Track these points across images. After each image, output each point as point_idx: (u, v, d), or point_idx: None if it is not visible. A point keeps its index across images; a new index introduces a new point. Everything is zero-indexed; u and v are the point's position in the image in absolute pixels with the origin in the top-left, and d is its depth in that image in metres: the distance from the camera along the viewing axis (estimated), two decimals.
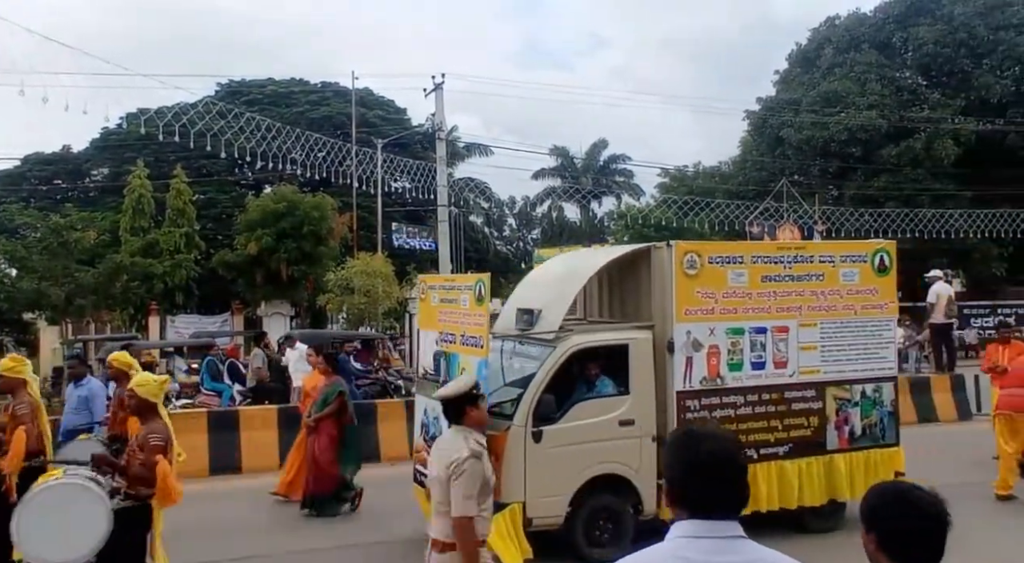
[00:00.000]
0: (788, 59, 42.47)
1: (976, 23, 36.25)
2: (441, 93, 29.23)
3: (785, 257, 7.87)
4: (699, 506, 2.08)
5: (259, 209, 33.22)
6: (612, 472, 7.22)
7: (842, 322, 8.07)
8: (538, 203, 42.78)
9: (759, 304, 7.73)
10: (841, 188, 39.03)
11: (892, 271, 8.38)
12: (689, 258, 7.43)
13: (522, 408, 6.96)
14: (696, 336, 7.45)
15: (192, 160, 33.91)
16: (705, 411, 7.46)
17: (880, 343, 8.24)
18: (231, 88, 39.10)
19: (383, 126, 37.20)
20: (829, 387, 8.00)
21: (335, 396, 8.85)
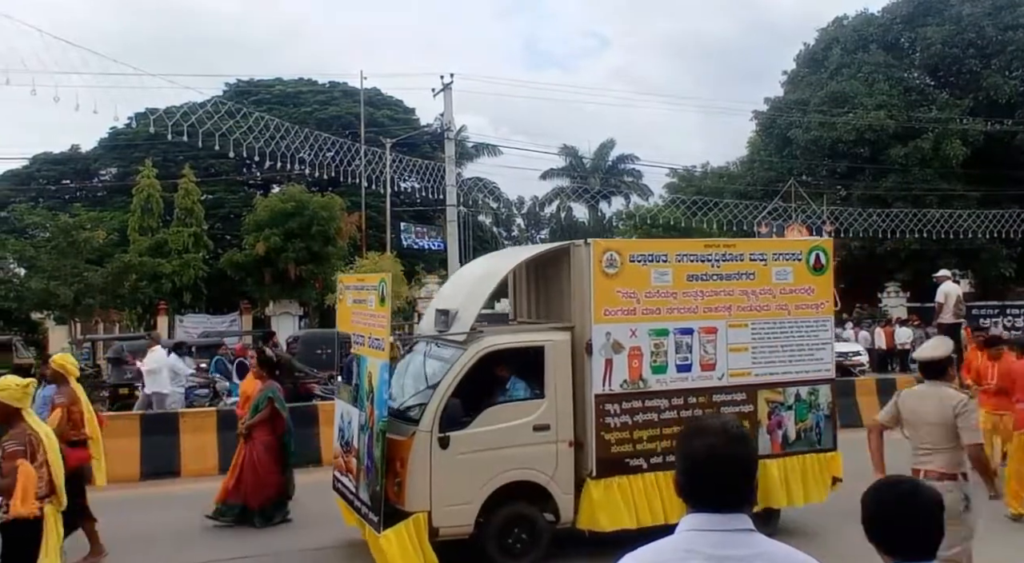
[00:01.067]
0: (796, 59, 41.83)
1: (984, 23, 35.45)
2: (450, 93, 29.08)
3: (713, 255, 7.47)
4: (702, 500, 2.05)
5: (267, 209, 33.25)
6: (526, 479, 6.84)
7: (775, 322, 7.66)
8: (547, 203, 42.47)
9: (685, 304, 7.34)
10: (849, 188, 38.34)
11: (829, 269, 7.96)
12: (608, 257, 7.08)
13: (428, 413, 6.60)
14: (616, 337, 7.10)
15: (200, 160, 33.97)
16: (626, 415, 7.10)
17: (816, 344, 7.81)
18: (239, 88, 39.14)
19: (391, 126, 37.05)
20: (761, 390, 7.59)
21: (265, 402, 8.48)
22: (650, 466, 7.18)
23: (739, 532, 2.02)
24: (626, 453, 7.11)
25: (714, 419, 2.27)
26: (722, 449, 2.04)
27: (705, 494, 2.04)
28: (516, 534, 6.87)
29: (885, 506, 2.29)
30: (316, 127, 33.18)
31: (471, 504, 6.66)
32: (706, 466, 2.03)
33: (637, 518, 7.02)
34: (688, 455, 2.09)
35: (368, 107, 36.51)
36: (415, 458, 6.55)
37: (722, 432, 2.09)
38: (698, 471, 2.05)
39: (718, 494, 2.02)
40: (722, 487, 2.03)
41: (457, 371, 6.72)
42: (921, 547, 2.24)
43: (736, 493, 2.05)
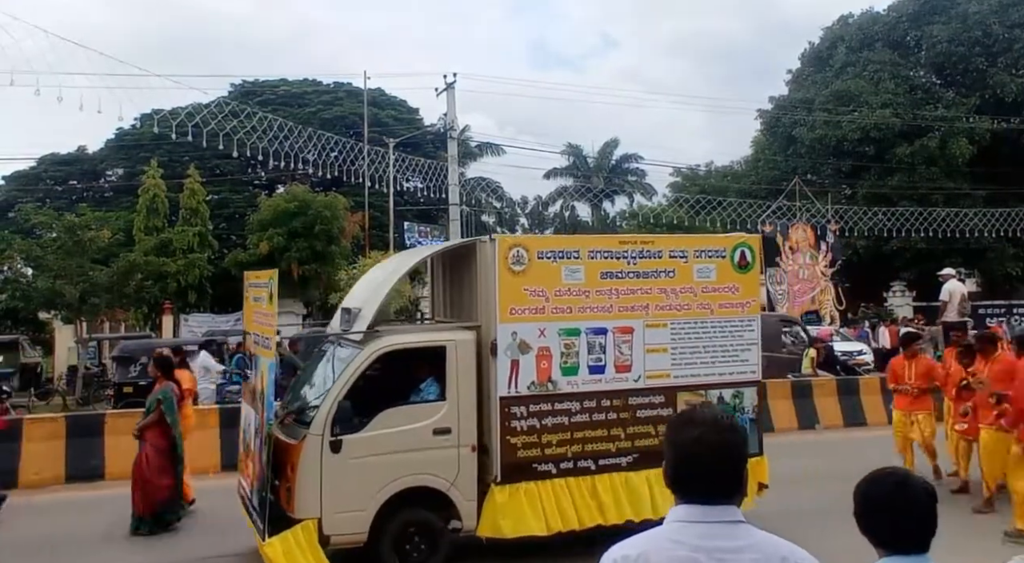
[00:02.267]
0: (801, 58, 41.11)
1: (991, 21, 34.61)
2: (453, 92, 28.97)
3: (629, 252, 7.07)
4: (688, 491, 2.00)
5: (271, 209, 33.20)
6: (425, 485, 6.49)
7: (696, 322, 7.25)
8: (550, 202, 42.05)
9: (598, 303, 6.95)
10: (854, 187, 37.66)
11: (755, 267, 7.53)
12: (515, 253, 6.71)
13: (319, 415, 6.25)
14: (523, 337, 6.72)
15: (206, 160, 33.97)
16: (534, 419, 6.73)
17: (741, 344, 7.38)
18: (244, 88, 39.10)
19: (395, 126, 36.85)
20: (681, 392, 7.17)
21: (155, 404, 8.15)
22: (560, 471, 6.81)
23: (727, 523, 1.97)
24: (533, 458, 6.74)
25: (704, 410, 2.15)
26: (711, 440, 1.98)
27: (693, 485, 1.99)
28: (415, 542, 6.51)
29: (877, 498, 2.24)
30: (320, 127, 33.06)
31: (364, 511, 6.31)
32: (695, 457, 1.98)
33: (546, 524, 6.66)
34: (677, 446, 2.03)
35: (372, 107, 36.33)
36: (305, 463, 6.22)
37: (712, 423, 2.03)
38: (687, 462, 2.00)
39: (707, 485, 1.98)
40: (711, 478, 1.98)
41: (351, 372, 6.39)
42: (914, 539, 2.19)
43: (725, 484, 1.99)
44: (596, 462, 6.91)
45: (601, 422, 6.96)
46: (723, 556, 1.93)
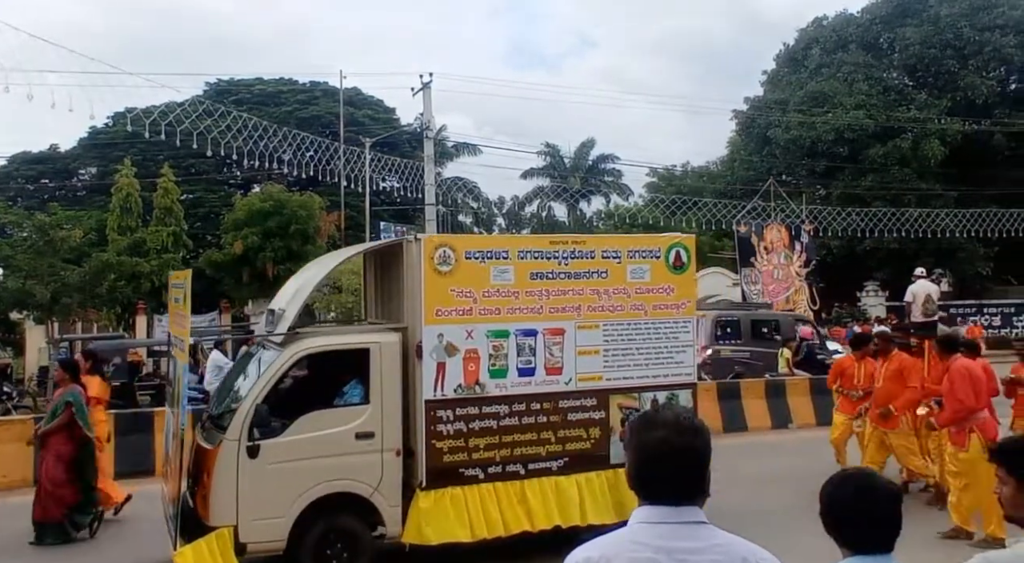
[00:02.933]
0: (776, 59, 41.14)
1: (962, 24, 34.71)
2: (429, 92, 28.82)
3: (560, 252, 6.89)
4: (653, 492, 1.99)
5: (246, 208, 32.91)
6: (347, 490, 6.28)
7: (629, 323, 7.08)
8: (527, 202, 41.89)
9: (528, 304, 6.77)
10: (828, 187, 37.70)
11: (690, 267, 7.38)
12: (441, 253, 6.52)
13: (235, 420, 6.03)
14: (450, 339, 6.54)
15: (180, 159, 33.62)
16: (461, 422, 6.55)
17: (676, 346, 7.21)
18: (220, 87, 38.74)
19: (371, 126, 36.60)
20: (614, 395, 7.01)
21: (63, 408, 7.79)
22: (488, 476, 6.63)
23: (690, 524, 1.96)
24: (460, 462, 6.56)
25: (667, 411, 2.11)
26: (675, 441, 1.97)
27: (657, 487, 1.98)
28: (336, 549, 6.30)
29: (842, 499, 2.23)
30: (296, 127, 32.77)
31: (283, 517, 6.10)
32: (658, 458, 1.97)
33: (471, 531, 6.47)
34: (640, 447, 2.02)
35: (348, 107, 36.05)
36: (221, 468, 6.01)
37: (674, 424, 2.01)
38: (650, 464, 1.99)
39: (670, 486, 1.97)
40: (674, 479, 1.97)
41: (271, 375, 6.19)
42: (879, 539, 2.19)
43: (688, 485, 1.98)
44: (525, 466, 6.74)
45: (531, 426, 6.78)
46: (685, 557, 1.91)
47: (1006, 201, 33.61)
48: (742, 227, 32.67)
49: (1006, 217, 32.67)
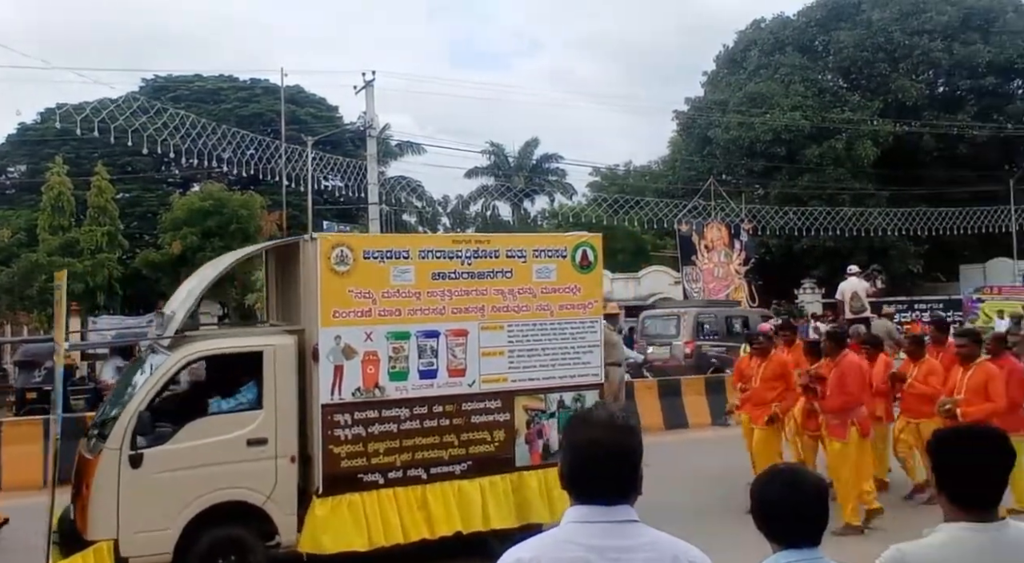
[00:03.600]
0: (716, 60, 41.57)
1: (893, 28, 35.47)
2: (371, 91, 28.42)
3: (463, 252, 6.71)
4: (586, 491, 1.98)
5: (184, 207, 32.11)
6: (238, 499, 6.02)
7: (535, 324, 6.92)
8: (472, 202, 41.69)
9: (430, 305, 6.58)
10: (767, 187, 38.19)
11: (597, 267, 7.25)
12: (338, 253, 6.28)
13: (117, 428, 5.71)
14: (348, 341, 6.31)
15: (115, 157, 32.66)
16: (359, 427, 6.32)
17: (583, 347, 7.08)
18: (156, 84, 37.73)
19: (314, 124, 35.98)
20: (519, 397, 6.84)
21: None
22: (388, 481, 6.41)
23: (622, 523, 1.95)
24: (359, 468, 6.33)
25: (600, 410, 2.10)
26: (608, 440, 1.96)
27: (590, 485, 1.97)
28: (231, 560, 6.04)
29: (771, 494, 2.26)
30: (237, 124, 32.12)
31: (168, 529, 5.80)
32: (591, 458, 1.96)
33: (369, 538, 6.25)
34: (574, 446, 2.02)
35: (290, 105, 35.40)
36: (100, 480, 5.69)
37: (608, 423, 2.00)
38: (584, 463, 1.98)
39: (603, 485, 1.96)
40: (607, 478, 1.96)
41: (155, 380, 5.88)
42: (806, 533, 2.22)
43: (621, 484, 1.98)
44: (427, 471, 6.54)
45: (433, 429, 6.58)
46: (616, 555, 1.91)
47: (935, 200, 34.44)
48: (683, 226, 32.96)
49: (935, 216, 33.46)
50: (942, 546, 2.28)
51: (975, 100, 35.45)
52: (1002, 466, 2.32)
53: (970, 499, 2.30)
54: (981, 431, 2.45)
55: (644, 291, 40.01)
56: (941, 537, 2.31)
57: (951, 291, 34.52)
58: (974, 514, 2.28)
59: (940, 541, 2.29)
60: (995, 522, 2.28)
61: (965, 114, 34.86)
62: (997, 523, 2.28)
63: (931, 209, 33.70)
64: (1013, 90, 36.53)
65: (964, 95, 36.02)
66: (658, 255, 41.11)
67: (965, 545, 2.25)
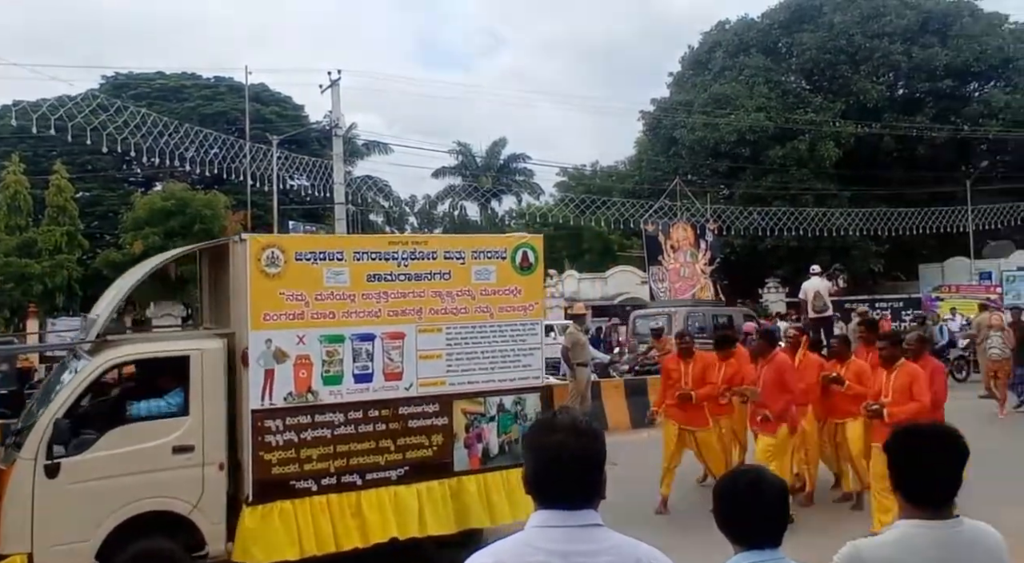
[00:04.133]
0: (681, 62, 41.66)
1: (854, 31, 35.74)
2: (338, 89, 28.07)
3: (400, 253, 6.53)
4: (550, 496, 1.97)
5: (146, 207, 31.60)
6: (162, 509, 5.79)
7: (474, 326, 6.77)
8: (439, 201, 41.42)
9: (365, 307, 6.39)
10: (731, 187, 38.37)
11: (538, 268, 7.11)
12: (269, 254, 6.08)
13: (32, 437, 5.46)
14: (279, 345, 6.11)
15: (75, 155, 32.00)
16: (291, 432, 6.13)
17: (524, 349, 6.94)
18: (117, 81, 37.04)
19: (279, 123, 35.54)
20: (457, 400, 6.69)
21: None
22: (321, 488, 6.22)
23: (586, 527, 1.95)
24: (291, 475, 6.13)
25: (563, 415, 2.07)
26: (572, 445, 1.96)
27: (554, 490, 1.97)
28: None
29: (732, 495, 2.28)
30: (200, 123, 31.60)
31: (87, 542, 5.56)
32: (556, 463, 1.95)
33: (301, 547, 6.05)
34: (538, 451, 2.00)
35: (255, 103, 34.95)
36: (13, 491, 5.43)
37: (572, 428, 1.99)
38: (548, 467, 1.97)
39: (567, 490, 1.96)
40: (571, 483, 1.96)
41: (73, 386, 5.64)
42: (767, 533, 2.24)
43: (585, 489, 1.98)
44: (363, 477, 6.35)
45: (368, 434, 6.40)
46: (580, 560, 1.91)
47: (895, 201, 34.79)
48: (649, 226, 32.96)
49: (895, 216, 33.80)
50: (896, 542, 2.31)
51: (933, 102, 35.85)
52: (957, 465, 2.34)
53: (925, 497, 2.34)
54: (937, 430, 2.46)
55: (611, 291, 40.09)
56: (896, 534, 2.35)
57: (911, 290, 34.88)
58: (929, 511, 2.32)
59: (895, 538, 2.33)
60: (949, 519, 2.31)
61: (924, 116, 35.24)
62: (951, 520, 2.32)
63: (891, 209, 34.05)
64: (969, 93, 36.99)
65: (923, 97, 36.40)
66: (625, 255, 41.17)
67: (919, 541, 2.29)
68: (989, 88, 37.08)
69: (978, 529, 2.36)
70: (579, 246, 40.28)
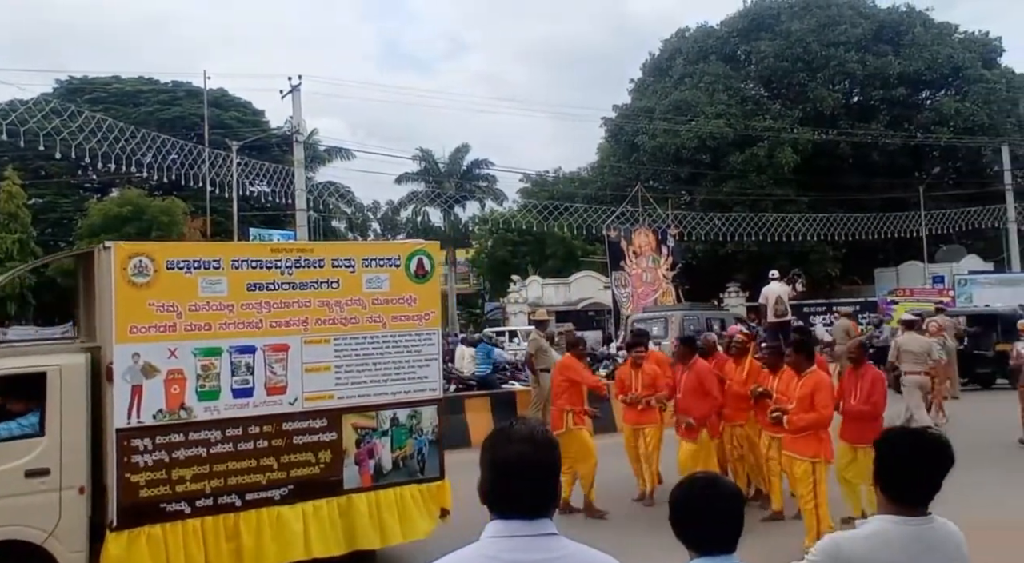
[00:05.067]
0: (642, 68, 41.58)
1: (811, 39, 35.86)
2: (298, 95, 27.61)
3: (283, 261, 6.11)
4: (504, 506, 1.95)
5: (101, 213, 30.91)
6: (11, 538, 5.26)
7: (365, 337, 6.35)
8: (402, 207, 40.95)
9: (245, 318, 5.96)
10: (692, 193, 38.30)
11: (434, 276, 6.72)
12: (137, 263, 5.64)
13: None
14: (148, 359, 5.66)
15: (28, 161, 31.19)
16: (162, 452, 5.67)
17: (419, 360, 6.54)
18: (71, 85, 36.22)
19: (239, 128, 34.90)
20: (347, 414, 6.26)
21: None
22: (195, 511, 5.76)
23: (542, 537, 1.94)
24: (161, 497, 5.67)
25: (520, 426, 2.03)
26: (530, 456, 1.94)
27: (510, 501, 1.95)
28: None
29: (687, 501, 2.30)
30: (158, 128, 30.91)
31: None
32: (514, 473, 1.94)
33: None
34: (495, 462, 1.97)
35: (214, 108, 34.26)
36: None
37: (529, 439, 1.97)
38: (504, 478, 1.95)
39: (523, 500, 1.94)
40: (527, 493, 1.93)
41: None
42: (722, 540, 2.25)
43: (541, 499, 1.96)
44: (242, 497, 5.90)
45: (248, 452, 5.95)
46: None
47: (851, 206, 34.88)
48: (612, 232, 32.73)
49: (851, 221, 33.88)
50: (870, 536, 2.43)
51: (887, 110, 36.04)
52: (940, 470, 2.43)
53: (906, 496, 2.44)
54: (927, 437, 2.52)
55: (574, 296, 39.85)
56: (871, 528, 2.45)
57: (867, 293, 34.98)
58: (905, 509, 2.42)
59: (869, 531, 2.44)
60: (922, 517, 2.43)
61: (878, 123, 35.41)
62: (924, 518, 2.43)
63: (848, 214, 34.12)
64: (922, 101, 37.26)
65: (877, 105, 36.58)
66: (588, 260, 40.94)
67: (890, 535, 2.40)
68: (940, 96, 37.39)
69: (947, 527, 2.48)
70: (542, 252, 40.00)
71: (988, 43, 37.76)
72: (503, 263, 39.08)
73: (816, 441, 6.77)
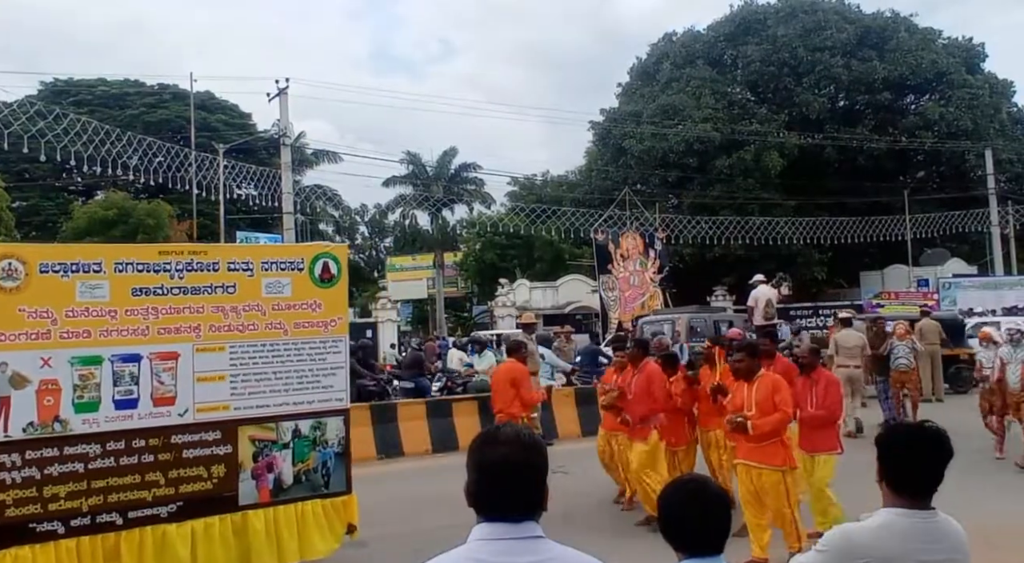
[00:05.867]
0: (630, 73, 41.16)
1: (797, 44, 35.44)
2: (286, 98, 27.15)
3: (172, 264, 5.65)
4: (490, 509, 1.94)
5: (86, 217, 30.50)
6: None
7: (264, 344, 5.88)
8: (389, 211, 40.47)
9: (130, 324, 5.49)
10: (680, 197, 37.88)
11: (342, 281, 6.24)
12: (6, 266, 5.18)
13: None
14: (17, 369, 5.20)
15: (11, 164, 30.77)
16: (32, 468, 5.20)
17: (323, 369, 6.07)
18: (56, 87, 35.81)
19: (226, 131, 34.49)
20: (243, 426, 5.79)
21: None
22: (70, 530, 5.29)
23: (527, 539, 1.92)
24: (30, 516, 5.19)
25: (507, 428, 2.01)
26: (517, 459, 1.93)
27: (497, 503, 1.93)
28: None
29: (676, 504, 2.28)
30: (144, 131, 30.57)
31: None
32: (501, 476, 1.93)
33: None
34: (481, 465, 1.96)
35: (201, 111, 33.85)
36: None
37: (515, 441, 1.96)
38: (491, 480, 1.94)
39: (510, 502, 1.92)
40: (514, 495, 1.93)
41: None
42: (710, 542, 2.25)
43: (527, 501, 1.94)
44: (124, 515, 5.43)
45: (132, 466, 5.47)
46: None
47: (837, 210, 34.46)
48: (599, 235, 32.28)
49: (837, 225, 33.45)
50: (876, 527, 2.47)
51: (872, 114, 35.62)
52: (941, 463, 2.46)
53: (910, 489, 2.48)
54: (927, 430, 2.54)
55: (562, 299, 39.38)
56: (878, 519, 2.49)
57: (852, 296, 34.47)
58: (910, 502, 2.46)
59: (876, 523, 2.48)
60: (926, 510, 2.47)
61: (863, 127, 34.99)
62: (928, 511, 2.47)
63: (833, 218, 33.71)
64: (906, 105, 36.84)
65: (862, 109, 36.18)
66: (576, 264, 40.47)
67: (895, 527, 2.44)
68: (924, 101, 36.99)
69: (949, 521, 2.51)
70: (530, 255, 39.54)
71: (971, 48, 37.38)
72: (491, 266, 38.64)
73: (783, 448, 6.34)
